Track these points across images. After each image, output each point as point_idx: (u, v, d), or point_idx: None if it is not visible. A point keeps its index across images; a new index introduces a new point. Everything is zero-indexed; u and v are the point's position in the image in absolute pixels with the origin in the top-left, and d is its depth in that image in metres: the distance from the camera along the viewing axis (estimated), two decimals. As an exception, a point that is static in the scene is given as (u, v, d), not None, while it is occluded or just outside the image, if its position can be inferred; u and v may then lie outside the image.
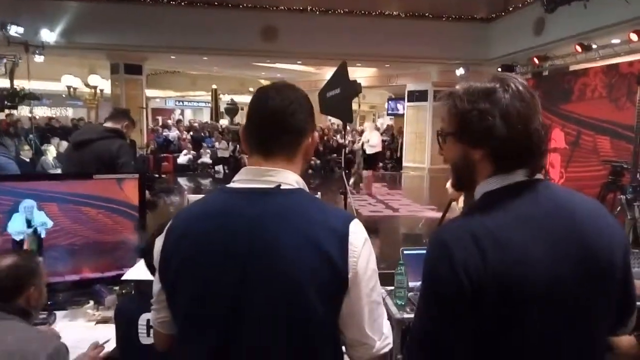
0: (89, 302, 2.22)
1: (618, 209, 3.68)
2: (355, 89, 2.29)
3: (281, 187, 1.03)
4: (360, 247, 0.99)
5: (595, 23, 7.88)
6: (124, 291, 2.29)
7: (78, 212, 2.23)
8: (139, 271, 2.20)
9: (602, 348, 1.05)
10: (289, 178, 1.05)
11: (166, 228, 1.08)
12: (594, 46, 8.36)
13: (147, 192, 3.63)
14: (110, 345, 1.78)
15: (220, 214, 1.03)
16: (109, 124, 3.46)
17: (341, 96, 2.34)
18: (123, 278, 2.16)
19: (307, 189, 1.09)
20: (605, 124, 8.05)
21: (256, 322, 0.97)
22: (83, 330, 2.02)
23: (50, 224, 2.19)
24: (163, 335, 1.17)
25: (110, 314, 2.13)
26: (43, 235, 2.18)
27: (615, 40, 7.99)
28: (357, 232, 1.00)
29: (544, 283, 0.91)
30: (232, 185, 1.07)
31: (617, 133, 7.70)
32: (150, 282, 1.99)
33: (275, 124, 1.06)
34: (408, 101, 15.00)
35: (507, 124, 0.97)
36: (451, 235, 0.95)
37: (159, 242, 1.07)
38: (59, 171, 7.46)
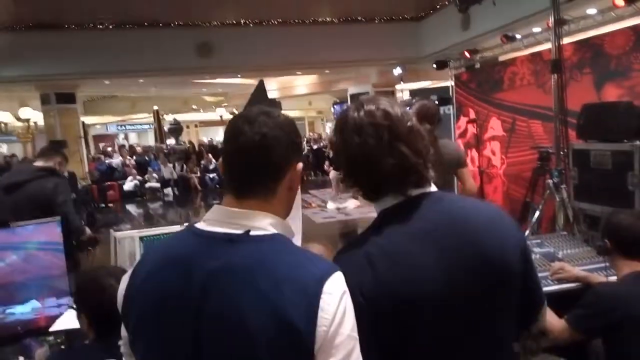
0: (18, 359, 2.10)
1: (547, 192, 3.85)
2: (275, 107, 2.28)
3: (251, 233, 0.92)
4: (333, 313, 0.85)
5: (516, 14, 8.29)
6: (58, 340, 2.18)
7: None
8: (68, 320, 2.11)
9: (507, 345, 1.07)
10: (262, 222, 0.93)
11: (131, 270, 1.00)
12: (518, 36, 8.78)
13: (87, 229, 3.50)
14: None
15: (179, 262, 0.93)
16: (40, 163, 3.31)
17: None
18: (51, 329, 2.07)
19: (288, 230, 0.98)
20: (536, 109, 8.44)
21: None
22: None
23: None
24: None
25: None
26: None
27: (537, 29, 8.42)
28: (332, 293, 0.86)
29: (437, 293, 0.94)
30: (200, 225, 0.97)
31: (548, 116, 8.09)
32: (78, 331, 1.91)
33: (247, 163, 0.95)
34: (351, 104, 15.19)
35: (346, 160, 1.02)
36: (347, 258, 0.98)
37: (123, 284, 0.99)
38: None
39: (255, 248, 0.90)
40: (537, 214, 4.04)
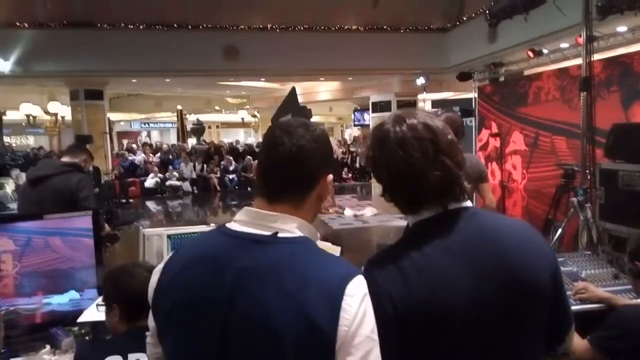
0: (45, 347, 2.16)
1: (571, 211, 3.81)
2: (305, 114, 2.33)
3: (279, 235, 0.96)
4: (354, 314, 0.89)
5: (543, 29, 8.22)
6: (83, 331, 2.24)
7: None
8: (95, 312, 2.17)
9: None
10: (290, 224, 0.97)
11: (163, 263, 1.04)
12: (545, 51, 8.70)
13: (107, 225, 3.59)
14: None
15: (210, 260, 0.97)
16: (66, 159, 3.42)
17: (292, 121, 2.40)
18: (79, 320, 2.12)
19: (313, 233, 1.02)
20: (561, 125, 8.34)
21: None
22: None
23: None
24: None
25: (68, 357, 2.08)
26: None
27: (564, 45, 8.34)
28: (354, 296, 0.90)
29: (466, 307, 0.95)
30: (230, 225, 1.01)
31: (572, 133, 7.99)
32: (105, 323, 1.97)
33: (282, 172, 0.99)
34: (372, 112, 15.22)
35: (389, 173, 1.03)
36: (378, 268, 1.00)
37: (154, 277, 1.04)
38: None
39: (282, 249, 0.94)
40: (559, 231, 3.99)
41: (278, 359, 0.88)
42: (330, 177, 1.05)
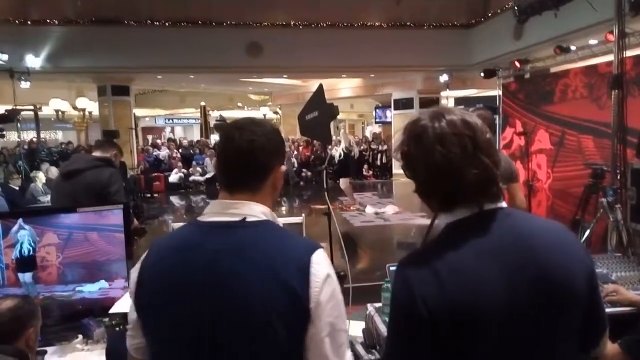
0: (77, 337, 2.22)
1: (600, 211, 3.72)
2: (332, 111, 2.35)
3: (246, 220, 1.06)
4: (323, 278, 1.01)
5: (572, 25, 8.04)
6: (113, 322, 2.29)
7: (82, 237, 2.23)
8: (127, 303, 2.22)
9: None
10: (255, 210, 1.08)
11: (141, 260, 1.11)
12: (573, 48, 8.50)
13: (135, 220, 3.66)
14: None
15: (184, 248, 1.07)
16: (97, 153, 3.50)
17: (319, 119, 2.40)
18: (111, 311, 2.18)
19: (275, 219, 1.12)
20: (588, 123, 8.14)
21: (223, 356, 1.01)
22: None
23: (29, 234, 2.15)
24: None
25: (100, 347, 2.14)
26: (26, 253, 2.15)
27: (593, 41, 8.13)
28: (319, 263, 1.02)
29: (499, 310, 0.94)
30: (201, 217, 1.11)
31: (600, 132, 7.78)
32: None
33: (237, 164, 1.10)
34: (394, 109, 15.13)
35: (427, 170, 1.01)
36: (412, 268, 1.00)
37: (134, 273, 1.10)
38: (48, 198, 7.44)
39: (252, 231, 1.06)
40: (587, 232, 3.91)
41: (263, 327, 0.97)
42: (283, 168, 1.16)
